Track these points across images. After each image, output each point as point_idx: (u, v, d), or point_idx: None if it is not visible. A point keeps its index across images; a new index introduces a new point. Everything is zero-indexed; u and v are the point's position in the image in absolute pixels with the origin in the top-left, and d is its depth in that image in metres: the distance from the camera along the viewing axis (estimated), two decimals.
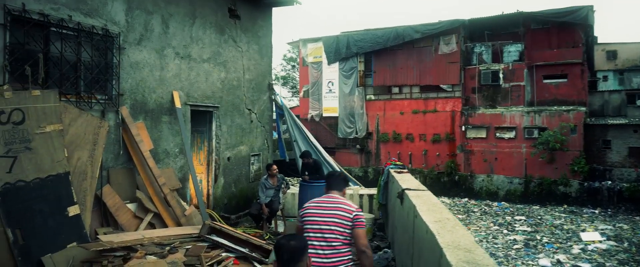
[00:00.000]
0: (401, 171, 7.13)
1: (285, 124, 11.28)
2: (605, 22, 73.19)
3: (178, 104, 7.28)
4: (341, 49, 24.82)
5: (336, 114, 25.55)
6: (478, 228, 15.23)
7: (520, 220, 16.41)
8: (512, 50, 21.35)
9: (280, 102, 10.65)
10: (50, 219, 5.07)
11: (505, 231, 14.81)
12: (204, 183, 8.42)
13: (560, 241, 13.48)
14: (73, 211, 5.31)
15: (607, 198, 18.31)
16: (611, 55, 28.06)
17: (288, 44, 32.49)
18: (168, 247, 5.40)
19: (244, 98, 9.25)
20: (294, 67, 39.52)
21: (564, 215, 17.20)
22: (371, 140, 24.44)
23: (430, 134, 22.59)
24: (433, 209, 3.92)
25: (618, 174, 18.88)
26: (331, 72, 25.82)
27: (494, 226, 15.70)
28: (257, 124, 9.71)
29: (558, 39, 20.96)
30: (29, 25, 5.17)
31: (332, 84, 25.88)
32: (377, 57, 24.31)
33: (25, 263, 4.72)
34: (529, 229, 14.99)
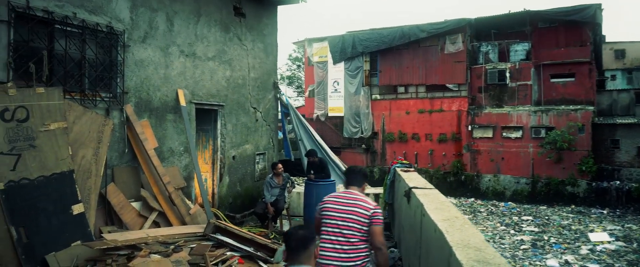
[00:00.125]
0: (408, 169, 7.06)
1: (291, 124, 11.21)
2: (614, 21, 72.71)
3: (183, 102, 7.24)
4: (347, 49, 24.73)
5: (342, 114, 25.47)
6: (485, 228, 15.10)
7: (527, 220, 16.27)
8: (519, 49, 21.16)
9: (286, 101, 10.60)
10: (54, 217, 5.04)
11: (512, 231, 14.67)
12: (209, 182, 8.38)
13: (568, 241, 13.33)
14: (77, 209, 5.28)
15: (616, 198, 18.10)
16: (619, 54, 27.87)
17: (293, 43, 32.46)
18: (172, 246, 5.36)
19: (249, 97, 9.20)
20: (299, 67, 39.46)
21: (571, 215, 17.03)
22: (377, 140, 24.34)
23: (436, 134, 22.46)
24: (441, 208, 3.85)
25: (627, 174, 18.66)
26: (337, 72, 25.74)
27: (501, 226, 15.57)
28: (263, 122, 9.66)
29: (565, 38, 20.77)
30: (33, 22, 5.14)
31: (338, 84, 25.80)
32: (383, 56, 24.21)
33: (29, 261, 4.69)
34: (536, 229, 14.85)
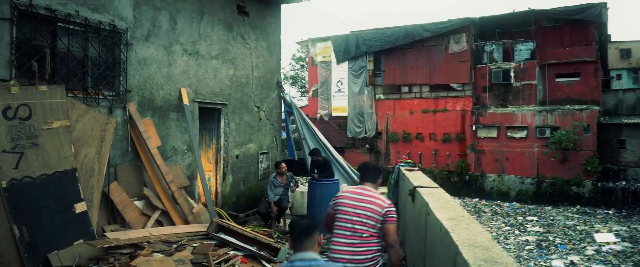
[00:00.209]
0: (412, 168, 7.01)
1: (294, 124, 11.15)
2: (619, 20, 72.29)
3: (186, 101, 7.21)
4: (350, 48, 24.66)
5: (345, 114, 25.40)
6: (489, 228, 15.01)
7: (532, 220, 16.15)
8: (524, 49, 21.02)
9: (289, 100, 10.55)
10: (57, 215, 5.02)
11: (516, 232, 14.57)
12: (212, 181, 8.35)
13: (573, 242, 13.22)
14: (80, 207, 5.26)
15: (622, 199, 17.94)
16: (625, 53, 27.67)
17: (297, 43, 32.44)
18: (175, 245, 5.33)
19: (253, 95, 9.17)
20: (303, 66, 39.44)
21: (577, 216, 16.90)
22: (380, 139, 24.26)
23: (440, 134, 22.36)
24: (446, 207, 3.80)
25: (633, 174, 18.49)
26: (340, 72, 25.67)
27: (506, 226, 15.47)
28: (266, 121, 9.62)
29: (570, 37, 20.61)
30: (36, 20, 5.12)
31: (341, 84, 25.74)
32: (387, 56, 24.12)
33: (31, 260, 4.67)
34: (541, 229, 14.74)
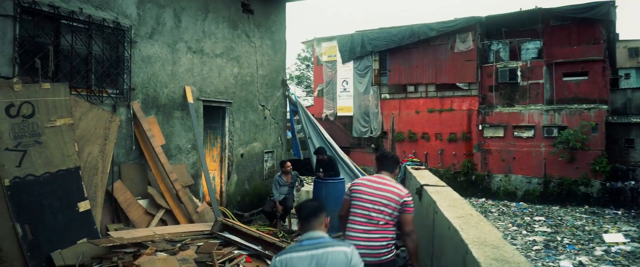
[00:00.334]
0: (418, 167, 6.92)
1: (300, 124, 11.09)
2: (628, 19, 71.68)
3: (190, 99, 7.17)
4: (356, 48, 24.57)
5: (351, 113, 25.31)
6: (497, 228, 14.87)
7: (539, 221, 16.00)
8: (531, 48, 20.84)
9: (294, 99, 10.49)
10: (60, 214, 4.98)
11: (524, 232, 14.43)
12: (217, 180, 8.31)
13: (581, 242, 13.07)
14: (83, 206, 5.22)
15: (631, 199, 17.73)
16: (633, 52, 27.40)
17: (302, 43, 32.35)
18: (179, 244, 5.28)
19: (258, 94, 9.11)
20: (308, 66, 39.38)
21: (585, 216, 16.72)
22: (386, 139, 24.14)
23: (447, 133, 22.22)
24: (454, 205, 3.73)
25: None
26: (346, 71, 25.58)
27: (513, 226, 15.33)
28: (271, 120, 9.57)
29: (578, 36, 20.41)
30: (39, 17, 5.09)
31: (347, 83, 25.65)
32: (392, 55, 24.01)
33: (34, 259, 4.63)
34: (548, 230, 14.59)
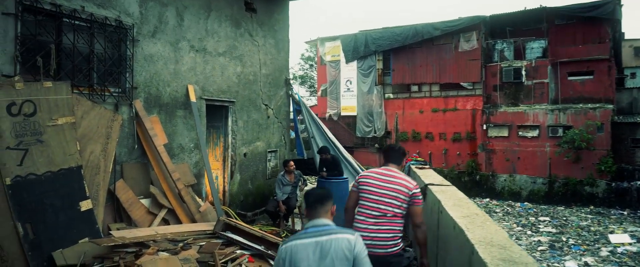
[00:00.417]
0: (423, 166, 6.86)
1: (303, 123, 11.03)
2: (633, 18, 71.28)
3: (193, 98, 7.13)
4: (359, 48, 24.51)
5: (354, 113, 25.25)
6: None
7: (544, 221, 15.89)
8: (535, 47, 20.73)
9: (298, 98, 10.44)
10: (62, 213, 4.95)
11: (528, 232, 14.34)
12: (220, 179, 8.27)
13: (587, 243, 12.97)
14: (85, 205, 5.18)
15: (637, 199, 17.59)
16: (639, 51, 27.19)
17: (306, 43, 32.35)
18: (181, 244, 5.24)
19: (261, 93, 9.07)
20: (312, 66, 39.35)
21: (590, 216, 16.60)
22: (390, 139, 24.06)
23: (451, 133, 22.13)
24: (459, 204, 3.67)
25: None
26: (349, 71, 25.53)
27: (517, 226, 15.24)
28: (274, 119, 9.52)
29: (583, 35, 20.29)
30: (41, 16, 5.06)
31: (351, 83, 25.59)
32: (396, 55, 23.94)
33: (35, 258, 4.60)
34: (553, 230, 14.49)
